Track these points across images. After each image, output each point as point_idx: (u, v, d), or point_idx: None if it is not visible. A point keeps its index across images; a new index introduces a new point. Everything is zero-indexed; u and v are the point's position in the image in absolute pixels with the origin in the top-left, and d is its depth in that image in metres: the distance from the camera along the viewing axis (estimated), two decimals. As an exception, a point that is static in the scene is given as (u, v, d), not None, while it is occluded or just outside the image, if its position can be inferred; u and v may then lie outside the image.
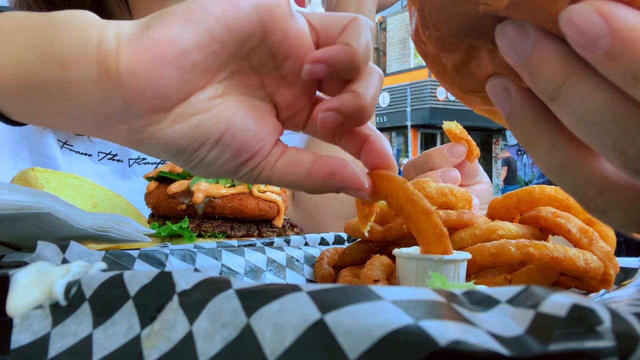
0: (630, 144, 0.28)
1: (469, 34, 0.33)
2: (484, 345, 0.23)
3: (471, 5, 0.31)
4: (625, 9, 0.27)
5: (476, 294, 0.27)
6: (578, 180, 0.32)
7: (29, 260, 0.40)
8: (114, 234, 0.60)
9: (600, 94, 0.28)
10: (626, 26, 0.26)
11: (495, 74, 0.34)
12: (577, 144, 0.31)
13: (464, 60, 0.35)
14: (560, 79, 0.29)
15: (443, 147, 0.85)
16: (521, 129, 0.33)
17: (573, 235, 0.58)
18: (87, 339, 0.33)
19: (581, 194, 0.33)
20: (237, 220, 0.81)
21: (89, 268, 0.38)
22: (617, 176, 0.31)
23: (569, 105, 0.29)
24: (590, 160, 0.32)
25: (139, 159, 1.11)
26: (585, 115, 0.29)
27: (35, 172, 0.78)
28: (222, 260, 0.61)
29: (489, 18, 0.31)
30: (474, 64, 0.35)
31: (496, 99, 0.34)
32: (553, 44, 0.29)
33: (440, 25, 0.33)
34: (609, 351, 0.23)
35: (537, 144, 0.33)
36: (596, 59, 0.27)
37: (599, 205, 0.32)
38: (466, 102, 0.40)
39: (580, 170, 0.32)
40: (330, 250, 0.70)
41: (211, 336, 0.28)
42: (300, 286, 0.27)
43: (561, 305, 0.24)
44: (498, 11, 0.30)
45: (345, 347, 0.24)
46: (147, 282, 0.33)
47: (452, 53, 0.35)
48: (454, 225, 0.61)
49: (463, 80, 0.37)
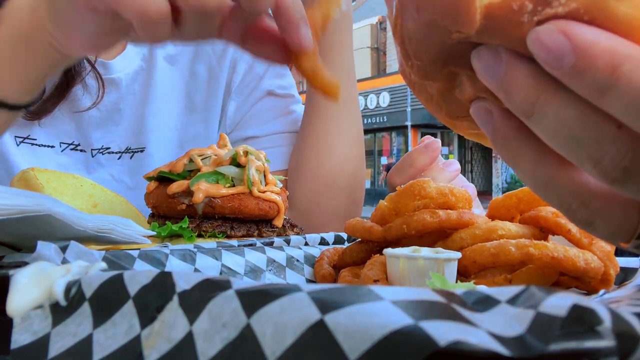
0: (603, 153, 0.29)
1: (447, 62, 0.35)
2: (484, 345, 0.23)
3: (445, 33, 0.32)
4: (585, 27, 0.28)
5: (476, 294, 0.27)
6: (562, 193, 0.33)
7: (29, 260, 0.40)
8: (114, 236, 0.60)
9: (571, 108, 0.30)
10: (587, 42, 0.28)
11: (478, 97, 0.35)
12: (558, 158, 0.32)
13: (447, 87, 0.37)
14: (533, 96, 0.30)
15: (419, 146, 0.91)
16: (505, 149, 0.34)
17: (573, 235, 0.58)
18: (87, 339, 0.33)
19: (566, 207, 0.34)
20: (237, 220, 0.81)
21: (89, 268, 0.38)
22: (599, 187, 0.33)
23: (543, 121, 0.31)
24: (573, 173, 0.33)
25: (102, 149, 1.11)
26: (559, 129, 0.30)
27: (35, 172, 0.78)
28: (222, 260, 0.61)
29: (464, 44, 0.32)
30: (457, 90, 0.37)
31: (480, 121, 0.35)
32: (524, 65, 0.31)
33: (420, 54, 0.35)
34: (609, 351, 0.23)
35: (521, 162, 0.34)
36: (563, 75, 0.29)
37: (584, 217, 0.33)
38: (455, 128, 0.41)
39: (563, 183, 0.33)
40: (330, 250, 0.70)
41: (211, 336, 0.28)
42: (300, 286, 0.27)
43: (561, 305, 0.24)
44: (470, 37, 0.31)
45: (345, 348, 0.24)
46: (147, 282, 0.33)
47: (434, 81, 0.37)
48: (454, 225, 0.61)
49: (449, 106, 0.38)
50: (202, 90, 1.22)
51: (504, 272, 0.57)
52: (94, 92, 1.04)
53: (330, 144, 1.15)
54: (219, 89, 1.23)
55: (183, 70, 1.20)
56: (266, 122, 1.23)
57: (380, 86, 20.97)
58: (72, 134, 1.08)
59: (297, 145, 1.20)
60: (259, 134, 1.23)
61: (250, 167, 0.81)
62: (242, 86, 1.24)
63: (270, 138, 1.23)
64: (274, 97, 1.25)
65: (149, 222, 0.84)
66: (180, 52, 1.20)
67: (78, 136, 1.08)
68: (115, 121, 1.11)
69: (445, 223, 0.61)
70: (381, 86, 20.94)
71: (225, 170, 0.80)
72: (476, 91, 0.35)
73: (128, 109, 1.12)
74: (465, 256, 0.57)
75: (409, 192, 0.63)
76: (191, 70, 1.21)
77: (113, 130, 1.12)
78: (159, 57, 1.16)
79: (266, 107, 1.24)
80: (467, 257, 0.57)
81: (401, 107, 19.82)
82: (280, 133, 1.23)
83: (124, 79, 1.10)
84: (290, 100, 1.26)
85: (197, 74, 1.22)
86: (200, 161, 0.81)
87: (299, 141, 1.19)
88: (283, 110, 1.25)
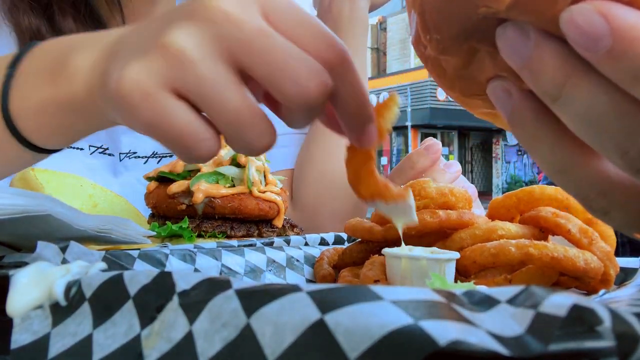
0: (632, 144, 0.28)
1: (469, 37, 0.33)
2: (484, 345, 0.23)
3: (471, 7, 0.31)
4: (625, 9, 0.26)
5: (476, 294, 0.27)
6: (581, 181, 0.32)
7: (29, 260, 0.40)
8: (114, 236, 0.60)
9: (602, 95, 0.28)
10: (627, 25, 0.26)
11: (497, 76, 0.34)
12: (579, 145, 0.31)
13: (464, 63, 0.35)
14: (561, 79, 0.29)
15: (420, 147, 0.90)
16: (523, 131, 0.33)
17: (573, 235, 0.58)
18: (87, 339, 0.33)
19: (584, 195, 0.33)
20: (237, 220, 0.81)
21: (89, 268, 0.38)
22: (619, 176, 0.31)
23: (570, 106, 0.29)
24: (593, 161, 0.31)
25: (130, 153, 1.11)
26: (587, 115, 0.29)
27: (35, 172, 0.78)
28: (222, 260, 0.61)
29: (490, 20, 0.31)
30: (475, 67, 0.35)
31: (498, 101, 0.34)
32: (553, 45, 0.29)
33: (441, 28, 0.33)
34: (609, 351, 0.23)
35: (538, 146, 0.33)
36: (597, 59, 0.27)
37: (601, 206, 0.32)
38: (467, 105, 0.40)
39: (582, 171, 0.32)
40: (330, 250, 0.70)
41: (211, 336, 0.28)
42: (300, 286, 0.27)
43: (561, 305, 0.24)
44: (498, 13, 0.30)
45: (345, 347, 0.24)
46: (147, 282, 0.33)
47: (452, 56, 0.35)
48: (454, 225, 0.61)
49: (464, 83, 0.37)
50: None
51: (504, 272, 0.57)
52: None
53: (337, 144, 1.15)
54: None
55: None
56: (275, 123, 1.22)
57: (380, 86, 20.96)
58: (102, 137, 1.08)
59: (304, 146, 1.19)
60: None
61: (250, 167, 0.81)
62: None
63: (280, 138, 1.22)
64: None
65: (149, 222, 0.84)
66: None
67: (107, 140, 1.08)
68: None
69: (445, 223, 0.61)
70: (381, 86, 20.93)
71: (225, 170, 0.80)
72: (496, 69, 0.34)
73: None
74: (465, 256, 0.57)
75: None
76: None
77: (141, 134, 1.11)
78: None
79: None
80: (467, 257, 0.57)
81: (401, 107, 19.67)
82: (288, 134, 1.22)
83: None
84: None
85: None
86: (200, 161, 0.81)
87: (306, 141, 1.19)
88: None
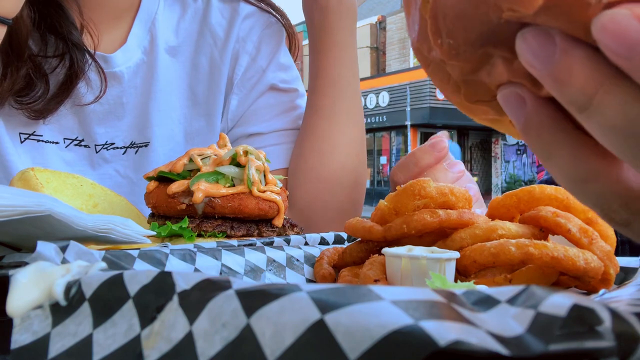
0: None
1: (486, 42, 0.31)
2: (484, 345, 0.23)
3: (495, 11, 0.29)
4: None
5: (476, 294, 0.27)
6: (603, 192, 0.31)
7: (29, 260, 0.40)
8: (114, 236, 0.60)
9: (636, 105, 0.27)
10: None
11: (509, 82, 0.33)
12: (600, 153, 0.30)
13: (474, 68, 0.34)
14: (592, 88, 0.28)
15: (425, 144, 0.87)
16: (538, 140, 0.32)
17: (573, 235, 0.58)
18: (87, 339, 0.33)
19: (605, 206, 0.31)
20: (237, 220, 0.81)
21: (89, 268, 0.38)
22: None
23: (601, 116, 0.28)
24: (615, 171, 0.30)
25: (107, 144, 1.11)
26: (619, 126, 0.27)
27: (35, 172, 0.78)
28: (222, 260, 0.61)
29: (511, 25, 0.30)
30: (485, 72, 0.33)
31: (510, 108, 0.33)
32: (583, 52, 0.28)
33: (457, 32, 0.32)
34: (609, 351, 0.23)
35: (557, 154, 0.31)
36: (633, 67, 0.26)
37: (624, 218, 0.31)
38: (470, 112, 0.38)
39: (604, 182, 0.30)
40: (330, 250, 0.70)
41: (211, 336, 0.28)
42: (300, 286, 0.27)
43: (561, 305, 0.24)
44: (525, 17, 0.29)
45: (345, 348, 0.24)
46: (147, 282, 0.33)
47: (464, 61, 0.33)
48: (454, 225, 0.61)
49: (470, 89, 0.35)
50: (204, 82, 1.20)
51: (504, 272, 0.57)
52: (96, 87, 1.04)
53: (332, 142, 1.14)
54: (221, 81, 1.21)
55: (185, 62, 1.18)
56: (269, 118, 1.22)
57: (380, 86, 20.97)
58: (75, 129, 1.07)
59: (298, 143, 1.19)
60: (263, 130, 1.21)
61: (250, 166, 0.81)
62: (245, 79, 1.21)
63: (274, 135, 1.21)
64: (277, 92, 1.23)
65: (149, 222, 0.84)
66: (181, 44, 1.18)
67: (81, 131, 1.08)
68: (118, 116, 1.11)
69: (445, 223, 0.61)
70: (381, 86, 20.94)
71: (225, 170, 0.80)
72: (511, 75, 0.32)
73: (131, 103, 1.11)
74: (465, 256, 0.57)
75: (409, 192, 0.63)
76: (193, 62, 1.19)
77: (116, 125, 1.11)
78: (160, 50, 1.14)
79: (269, 103, 1.22)
80: (467, 256, 0.57)
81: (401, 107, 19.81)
82: (284, 130, 1.21)
83: (126, 72, 1.09)
84: (294, 95, 1.24)
85: (199, 65, 1.19)
86: (200, 161, 0.81)
87: (300, 139, 1.18)
88: (287, 106, 1.23)
